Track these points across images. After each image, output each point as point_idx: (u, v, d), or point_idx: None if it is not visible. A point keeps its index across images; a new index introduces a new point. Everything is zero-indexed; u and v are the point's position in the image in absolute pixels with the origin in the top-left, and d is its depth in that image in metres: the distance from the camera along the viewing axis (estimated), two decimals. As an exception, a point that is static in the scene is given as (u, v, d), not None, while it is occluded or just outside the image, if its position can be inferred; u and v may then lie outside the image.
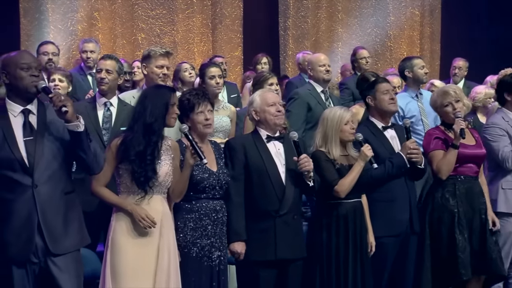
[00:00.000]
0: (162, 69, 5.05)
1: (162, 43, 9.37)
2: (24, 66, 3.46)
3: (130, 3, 9.52)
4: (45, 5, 9.01)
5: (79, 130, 3.40)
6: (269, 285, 4.28)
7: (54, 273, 3.49)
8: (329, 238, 4.50)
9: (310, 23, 10.53)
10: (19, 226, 3.44)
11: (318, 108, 5.97)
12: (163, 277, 3.79)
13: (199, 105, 4.13)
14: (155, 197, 3.85)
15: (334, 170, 4.49)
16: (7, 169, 3.42)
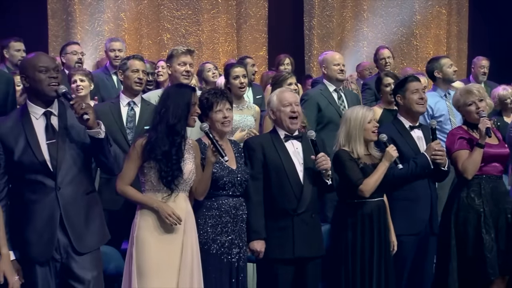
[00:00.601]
0: (184, 66, 5.14)
1: (187, 43, 9.44)
2: (42, 68, 3.48)
3: (156, 3, 9.60)
4: (73, 6, 9.12)
5: (100, 136, 3.45)
6: (287, 283, 4.31)
7: (75, 270, 3.55)
8: (355, 237, 4.50)
9: (336, 23, 10.52)
10: (41, 226, 3.50)
11: (328, 108, 6.00)
12: (186, 273, 3.84)
13: (218, 104, 4.17)
14: (180, 195, 3.91)
15: (358, 169, 4.50)
16: (31, 172, 3.47)
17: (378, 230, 4.52)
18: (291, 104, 4.38)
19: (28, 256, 3.52)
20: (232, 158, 4.23)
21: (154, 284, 3.78)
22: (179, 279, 3.82)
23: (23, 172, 3.48)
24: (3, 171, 3.49)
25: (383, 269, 4.52)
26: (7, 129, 3.50)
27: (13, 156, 3.46)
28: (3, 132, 3.49)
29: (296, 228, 4.28)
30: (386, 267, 4.54)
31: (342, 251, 4.51)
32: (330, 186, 4.36)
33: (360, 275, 4.48)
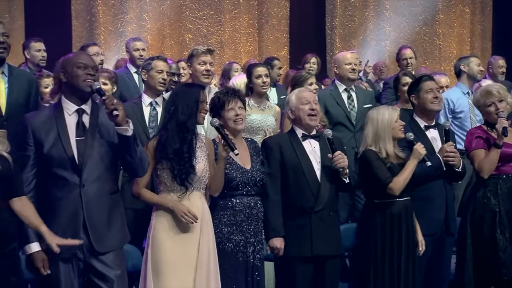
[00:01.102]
0: (205, 65, 5.20)
1: (209, 43, 9.52)
2: (81, 65, 3.57)
3: (178, 4, 9.69)
4: (96, 7, 9.26)
5: (127, 134, 3.49)
6: (306, 281, 4.32)
7: (99, 269, 3.59)
8: (384, 237, 4.49)
9: (358, 22, 10.55)
10: (65, 223, 3.55)
11: (336, 109, 6.02)
12: (203, 272, 3.88)
13: (229, 103, 4.21)
14: (195, 193, 3.95)
15: (386, 168, 4.51)
16: (58, 166, 3.53)
17: (406, 229, 4.51)
18: (310, 102, 4.41)
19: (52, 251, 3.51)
20: (246, 158, 4.26)
21: (170, 283, 3.82)
22: (195, 277, 3.86)
23: (50, 166, 3.53)
24: (33, 163, 3.56)
25: (411, 268, 4.51)
26: (40, 122, 3.57)
27: (42, 149, 3.53)
28: (35, 125, 3.56)
29: (314, 226, 4.30)
30: (414, 266, 4.54)
31: (371, 251, 4.49)
32: (347, 185, 4.38)
33: (389, 275, 4.47)
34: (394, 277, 4.46)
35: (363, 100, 6.17)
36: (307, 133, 4.44)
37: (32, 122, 3.58)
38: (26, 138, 3.56)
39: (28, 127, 3.57)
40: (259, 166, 4.30)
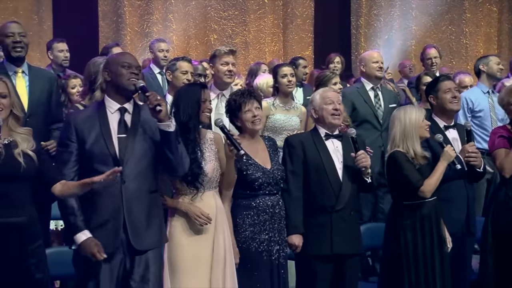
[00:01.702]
0: (227, 66, 5.23)
1: (233, 43, 9.59)
2: (126, 64, 3.59)
3: (203, 4, 9.76)
4: (123, 8, 9.36)
5: (170, 130, 3.52)
6: (325, 280, 4.34)
7: (137, 268, 3.60)
8: (415, 238, 4.48)
9: (383, 21, 10.52)
10: (106, 218, 3.56)
11: (363, 107, 6.03)
12: (219, 269, 3.93)
13: (246, 104, 4.23)
14: (207, 193, 3.99)
15: (416, 171, 4.50)
16: (100, 162, 3.54)
17: (437, 228, 4.52)
18: (334, 102, 4.42)
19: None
20: (266, 157, 4.29)
21: (187, 282, 3.86)
22: (211, 276, 3.91)
23: (92, 162, 3.55)
24: (75, 159, 3.58)
25: (445, 267, 4.51)
26: (83, 120, 3.61)
27: (85, 145, 3.56)
28: (79, 121, 3.60)
29: (334, 224, 4.32)
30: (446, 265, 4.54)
31: (402, 252, 4.48)
32: (369, 185, 4.38)
33: (424, 275, 4.45)
34: (429, 277, 4.45)
35: (388, 99, 6.18)
36: (330, 133, 4.46)
37: (76, 120, 3.61)
38: (69, 135, 3.59)
39: (71, 124, 3.60)
40: (278, 165, 4.34)
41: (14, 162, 3.46)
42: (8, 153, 3.46)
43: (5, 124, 3.50)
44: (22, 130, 3.58)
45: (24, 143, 3.52)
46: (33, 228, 3.54)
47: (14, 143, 3.51)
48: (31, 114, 4.86)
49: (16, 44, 4.97)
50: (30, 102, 4.92)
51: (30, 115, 4.85)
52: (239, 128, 4.29)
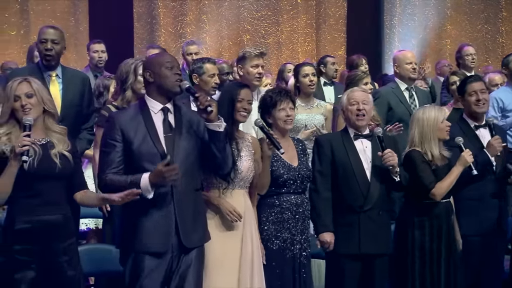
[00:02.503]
0: (257, 68, 5.23)
1: (266, 43, 9.67)
2: (168, 65, 3.58)
3: (236, 5, 9.83)
4: (157, 9, 9.48)
5: (220, 130, 3.56)
6: (354, 279, 4.37)
7: (181, 266, 3.61)
8: (423, 237, 4.51)
9: (418, 21, 10.47)
10: (158, 217, 3.56)
11: (399, 107, 6.03)
12: (247, 267, 3.97)
13: (281, 103, 4.28)
14: (238, 191, 4.05)
15: (431, 172, 4.51)
16: (148, 162, 3.54)
17: (447, 230, 4.53)
18: (358, 103, 4.44)
19: (144, 247, 3.55)
20: (294, 156, 4.34)
21: (216, 281, 3.90)
22: (239, 275, 3.95)
23: (141, 162, 3.54)
24: (120, 159, 3.57)
25: (452, 269, 4.53)
26: (127, 120, 3.61)
27: (132, 145, 3.56)
28: (124, 122, 3.60)
29: (362, 224, 4.35)
30: (455, 267, 4.55)
31: (409, 251, 4.52)
32: (398, 183, 4.38)
33: (430, 275, 4.48)
34: (435, 277, 4.47)
35: (422, 99, 6.17)
36: (359, 133, 4.49)
37: (120, 120, 3.62)
38: (114, 135, 3.58)
39: (116, 125, 3.59)
40: (306, 164, 4.38)
41: (51, 162, 3.54)
42: (45, 153, 3.54)
43: (39, 123, 3.58)
44: (58, 129, 3.65)
45: (60, 144, 3.60)
46: (67, 226, 3.63)
47: (51, 143, 3.59)
48: (64, 117, 4.88)
49: (47, 52, 4.99)
50: (64, 106, 4.98)
51: (63, 118, 4.89)
52: (269, 125, 4.33)
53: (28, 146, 3.42)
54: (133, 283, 3.57)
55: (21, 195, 3.52)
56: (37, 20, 9.05)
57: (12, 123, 3.55)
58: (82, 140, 4.96)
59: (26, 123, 3.48)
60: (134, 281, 3.57)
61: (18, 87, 3.54)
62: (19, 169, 3.45)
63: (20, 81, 3.58)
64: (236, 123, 4.12)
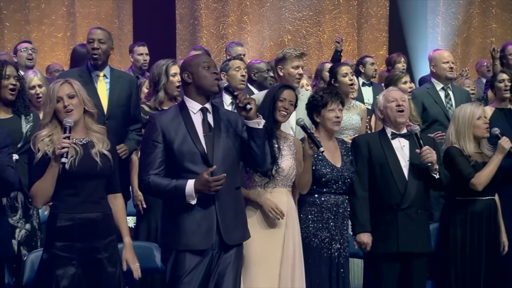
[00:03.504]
0: (297, 69, 5.20)
1: (308, 44, 9.67)
2: (205, 65, 3.62)
3: (278, 6, 9.85)
4: (199, 11, 9.57)
5: (259, 127, 3.60)
6: (392, 279, 4.36)
7: (220, 264, 3.65)
8: (464, 235, 4.50)
9: (461, 20, 10.34)
10: (200, 216, 3.60)
11: (434, 107, 5.99)
12: (288, 265, 4.00)
13: (332, 103, 4.31)
14: (280, 190, 4.09)
15: (469, 164, 4.49)
16: (190, 161, 3.61)
17: (488, 229, 4.50)
18: (397, 100, 4.45)
19: (187, 246, 3.59)
20: (337, 157, 4.35)
21: (257, 277, 3.95)
22: (281, 272, 3.98)
23: (182, 161, 3.60)
24: (161, 160, 3.63)
25: (493, 268, 4.49)
26: (167, 121, 3.67)
27: (173, 145, 3.62)
28: (164, 123, 3.66)
29: (400, 223, 4.33)
30: (496, 267, 4.50)
31: (451, 249, 4.51)
32: (438, 181, 4.34)
33: (470, 274, 4.46)
34: (475, 277, 4.43)
35: (460, 98, 6.09)
36: (397, 132, 4.48)
37: (161, 121, 3.67)
38: (155, 136, 3.63)
39: (157, 126, 3.65)
40: (349, 165, 4.38)
41: (91, 161, 3.61)
42: (85, 152, 3.61)
43: (80, 123, 3.66)
44: (97, 128, 3.72)
45: (99, 143, 3.67)
46: (107, 224, 3.68)
47: (91, 143, 3.66)
48: (110, 116, 5.01)
49: (93, 51, 5.08)
50: (110, 105, 5.05)
51: (109, 117, 5.00)
52: (315, 124, 4.35)
53: (68, 147, 3.50)
54: (174, 280, 3.62)
55: (63, 193, 3.60)
56: (83, 22, 9.25)
57: (54, 124, 3.62)
58: (131, 140, 5.01)
59: (67, 125, 3.55)
60: (176, 278, 3.61)
61: (60, 89, 3.62)
62: (61, 169, 3.53)
63: (62, 82, 3.66)
64: (277, 122, 4.15)
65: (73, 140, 3.58)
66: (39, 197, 3.59)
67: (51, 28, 9.20)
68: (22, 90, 4.64)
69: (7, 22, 9.05)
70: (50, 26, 9.19)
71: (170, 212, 3.71)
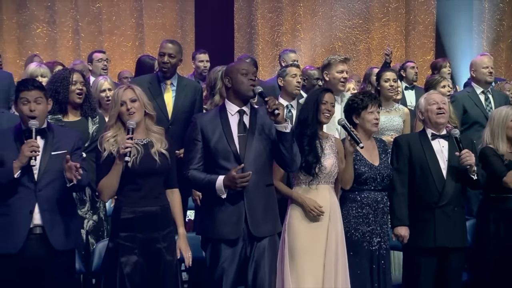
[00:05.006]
0: (342, 73, 5.28)
1: (357, 50, 9.65)
2: (243, 71, 3.79)
3: (329, 15, 9.84)
4: (255, 20, 9.64)
5: (286, 131, 3.72)
6: (429, 272, 4.36)
7: (254, 253, 3.79)
8: (498, 231, 4.48)
9: (506, 26, 10.14)
10: (230, 209, 3.74)
11: (474, 110, 5.96)
12: (332, 256, 4.07)
13: (372, 106, 4.36)
14: (324, 186, 4.15)
15: (502, 163, 4.47)
16: (223, 159, 3.77)
17: None
18: (438, 103, 4.46)
19: (218, 235, 3.77)
20: (376, 156, 4.39)
21: (303, 266, 4.04)
22: (325, 262, 4.06)
23: (217, 158, 3.76)
24: (200, 156, 3.81)
25: None
26: (207, 121, 3.84)
27: (209, 143, 3.79)
28: (204, 123, 3.84)
29: (437, 219, 4.33)
30: None
31: (486, 244, 4.50)
32: (476, 181, 4.33)
33: (504, 267, 4.43)
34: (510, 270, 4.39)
35: (499, 101, 6.03)
36: (437, 133, 4.48)
37: (201, 121, 3.85)
38: (195, 135, 3.81)
39: (197, 125, 3.84)
40: (387, 164, 4.41)
41: (151, 159, 3.75)
42: (146, 152, 3.75)
43: (142, 125, 3.80)
44: (156, 129, 3.86)
45: (158, 143, 3.80)
46: (165, 217, 3.81)
47: (151, 143, 3.80)
48: (174, 121, 5.15)
49: (163, 64, 5.23)
50: (174, 111, 5.19)
51: (173, 122, 5.14)
52: (354, 126, 4.39)
53: (130, 147, 3.64)
54: (213, 265, 3.79)
55: (127, 188, 3.74)
56: (150, 32, 9.46)
57: (118, 125, 3.78)
58: None
59: (130, 127, 3.70)
60: (215, 264, 3.79)
61: (124, 94, 3.78)
62: (124, 166, 3.68)
63: (125, 88, 3.82)
64: (321, 123, 4.22)
65: (135, 141, 3.71)
66: (106, 192, 3.75)
67: (121, 38, 9.43)
68: (89, 94, 4.78)
69: (82, 33, 9.33)
70: (120, 36, 9.42)
71: (206, 204, 3.89)
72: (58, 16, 9.21)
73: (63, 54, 9.13)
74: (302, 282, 4.03)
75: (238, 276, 3.80)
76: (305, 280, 4.03)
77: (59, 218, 3.76)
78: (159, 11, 9.53)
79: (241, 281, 3.84)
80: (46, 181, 3.74)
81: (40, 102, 3.76)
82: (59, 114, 4.62)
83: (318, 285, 4.04)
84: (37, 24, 9.18)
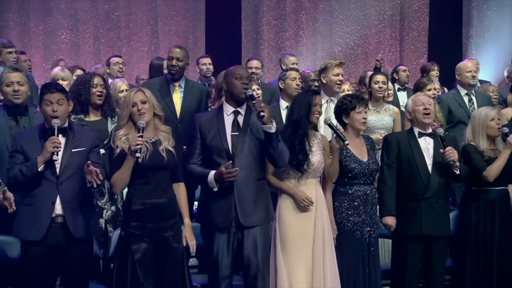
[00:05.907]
0: (338, 76, 5.30)
1: (355, 54, 9.66)
2: (238, 76, 3.87)
3: (330, 22, 9.85)
4: (261, 27, 9.67)
5: (271, 131, 3.78)
6: (416, 258, 4.40)
7: (246, 241, 3.88)
8: (478, 220, 4.51)
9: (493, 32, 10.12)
10: (221, 200, 3.85)
11: (458, 110, 6.01)
12: (319, 243, 4.11)
13: (359, 106, 4.37)
14: (311, 180, 4.17)
15: (483, 159, 4.51)
16: (217, 155, 3.86)
17: (500, 216, 4.48)
18: (424, 104, 4.48)
19: (212, 223, 3.88)
20: (364, 152, 4.41)
21: (294, 252, 4.07)
22: (313, 248, 4.10)
23: (211, 155, 3.86)
24: (199, 152, 3.92)
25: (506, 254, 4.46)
26: (205, 120, 3.93)
27: (205, 141, 3.88)
28: (202, 122, 3.93)
29: (423, 210, 4.36)
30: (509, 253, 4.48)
31: (467, 232, 4.53)
32: (458, 176, 4.37)
33: (483, 254, 4.47)
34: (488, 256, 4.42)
35: (481, 102, 6.06)
36: (423, 131, 4.51)
37: (200, 120, 3.95)
38: (195, 132, 3.93)
39: (196, 124, 3.94)
40: (374, 159, 4.43)
41: (159, 156, 3.79)
42: (154, 149, 3.80)
43: (151, 124, 3.84)
44: (164, 129, 3.89)
45: (165, 141, 3.84)
46: (172, 208, 3.85)
47: (159, 141, 3.84)
48: (181, 120, 5.19)
49: (172, 67, 5.28)
50: (182, 111, 5.24)
51: (181, 121, 5.18)
52: (344, 125, 4.42)
53: (141, 145, 3.68)
54: (210, 250, 3.90)
55: (137, 182, 3.78)
56: (164, 38, 9.51)
57: (130, 125, 3.82)
58: None
59: (140, 126, 3.74)
60: (211, 249, 3.89)
61: (135, 96, 3.82)
62: (135, 162, 3.73)
63: (136, 90, 3.86)
64: (311, 123, 4.24)
65: (145, 139, 3.75)
66: (118, 185, 3.79)
67: (138, 43, 9.49)
68: (108, 96, 4.82)
69: (103, 39, 9.40)
70: (137, 42, 9.48)
71: (203, 195, 3.97)
72: (80, 24, 9.30)
73: (85, 58, 9.21)
74: (293, 267, 4.06)
75: (233, 260, 3.88)
76: (296, 265, 4.06)
77: (78, 208, 3.81)
78: (172, 18, 9.59)
79: (238, 266, 3.92)
80: (67, 175, 3.80)
81: (61, 104, 3.82)
82: (81, 114, 4.67)
83: (308, 269, 4.07)
84: (62, 31, 9.27)
